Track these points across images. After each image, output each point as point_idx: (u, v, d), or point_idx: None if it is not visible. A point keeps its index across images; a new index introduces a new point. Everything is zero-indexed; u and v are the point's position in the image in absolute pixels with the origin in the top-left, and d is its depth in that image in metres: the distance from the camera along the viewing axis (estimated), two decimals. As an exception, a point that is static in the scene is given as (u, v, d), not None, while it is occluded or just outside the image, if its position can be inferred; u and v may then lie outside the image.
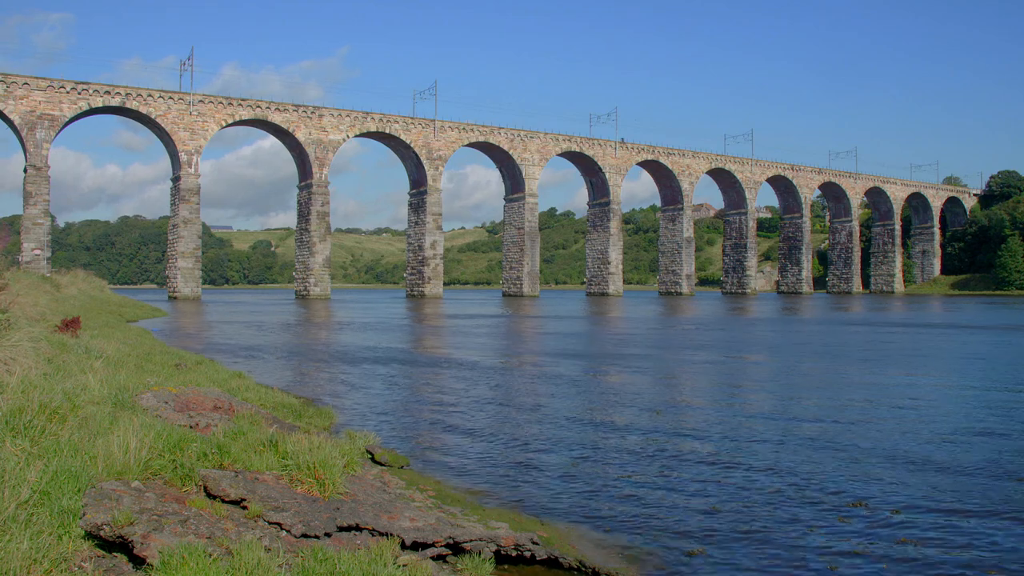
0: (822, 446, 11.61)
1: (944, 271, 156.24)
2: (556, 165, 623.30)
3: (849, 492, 9.13)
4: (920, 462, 10.59)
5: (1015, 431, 12.76)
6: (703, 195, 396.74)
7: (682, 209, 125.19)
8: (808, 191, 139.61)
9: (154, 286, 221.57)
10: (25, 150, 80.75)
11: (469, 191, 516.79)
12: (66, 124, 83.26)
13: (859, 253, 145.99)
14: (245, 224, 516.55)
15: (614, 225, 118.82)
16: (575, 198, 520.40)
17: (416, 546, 6.67)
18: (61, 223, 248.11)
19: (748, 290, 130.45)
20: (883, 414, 14.38)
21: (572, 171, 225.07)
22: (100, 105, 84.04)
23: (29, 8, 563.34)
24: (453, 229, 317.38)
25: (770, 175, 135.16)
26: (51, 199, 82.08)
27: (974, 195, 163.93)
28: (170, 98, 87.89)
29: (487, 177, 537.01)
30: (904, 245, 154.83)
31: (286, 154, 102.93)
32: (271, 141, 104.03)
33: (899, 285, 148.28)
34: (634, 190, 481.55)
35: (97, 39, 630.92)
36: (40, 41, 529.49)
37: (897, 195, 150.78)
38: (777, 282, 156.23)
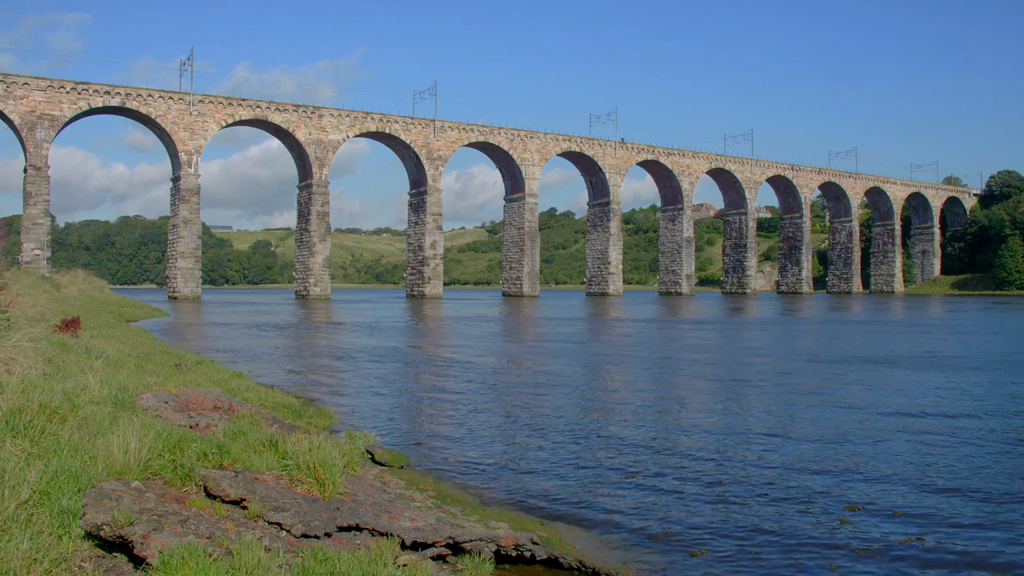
0: (823, 448, 11.61)
1: (944, 271, 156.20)
2: (556, 165, 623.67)
3: (850, 494, 9.13)
4: (920, 464, 10.59)
5: (1016, 432, 12.76)
6: (703, 195, 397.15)
7: (682, 209, 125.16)
8: (808, 191, 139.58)
9: (154, 286, 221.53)
10: (25, 150, 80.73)
11: (475, 191, 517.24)
12: (66, 124, 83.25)
13: (859, 253, 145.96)
14: (251, 224, 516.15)
15: (614, 225, 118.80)
16: (575, 198, 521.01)
17: (416, 546, 6.67)
18: (63, 223, 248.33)
19: (748, 290, 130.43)
20: (883, 416, 14.38)
21: (572, 171, 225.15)
22: (100, 105, 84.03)
23: (45, 8, 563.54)
24: (453, 229, 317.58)
25: (770, 175, 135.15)
26: (57, 199, 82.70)
27: (974, 195, 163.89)
28: (170, 98, 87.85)
29: (494, 177, 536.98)
30: (904, 245, 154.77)
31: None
32: (279, 141, 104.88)
33: (899, 285, 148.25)
34: (639, 190, 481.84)
35: (113, 39, 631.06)
36: (55, 41, 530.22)
37: (897, 195, 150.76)
38: (777, 282, 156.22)
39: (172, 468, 6.90)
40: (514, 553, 6.99)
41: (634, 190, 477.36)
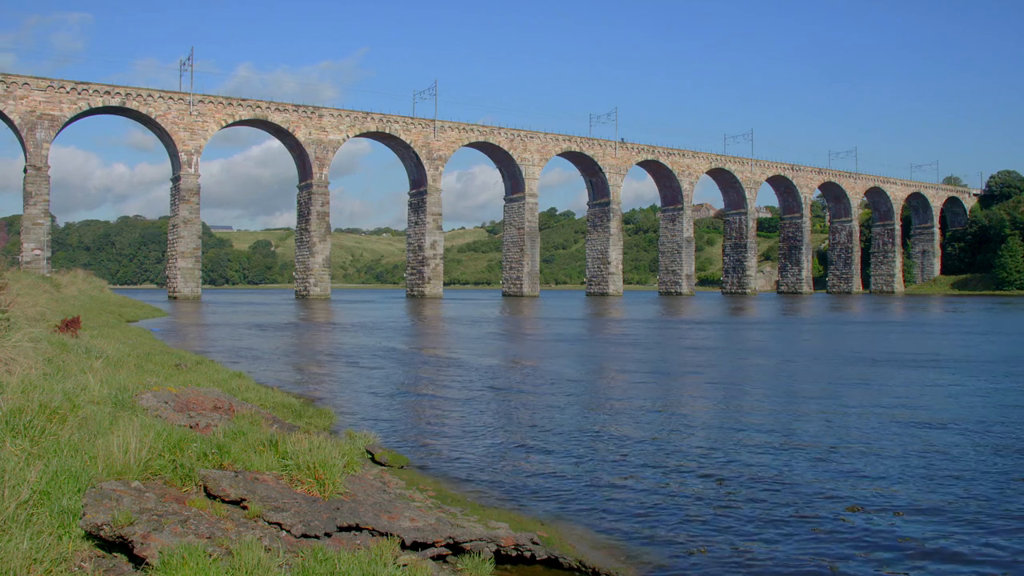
0: (824, 449, 11.60)
1: (944, 271, 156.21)
2: (556, 165, 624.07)
3: (851, 494, 9.13)
4: (923, 466, 10.59)
5: (1017, 433, 12.76)
6: (703, 195, 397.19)
7: (682, 209, 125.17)
8: (808, 191, 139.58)
9: (154, 286, 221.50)
10: (25, 150, 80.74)
11: (476, 191, 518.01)
12: (66, 124, 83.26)
13: (859, 253, 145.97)
14: (251, 224, 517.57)
15: (614, 225, 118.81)
16: (575, 198, 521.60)
17: (416, 546, 6.67)
18: (63, 223, 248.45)
19: (748, 290, 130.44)
20: (884, 417, 14.37)
21: (572, 171, 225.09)
22: (100, 105, 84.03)
23: (48, 8, 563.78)
24: (453, 229, 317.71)
25: (770, 175, 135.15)
26: (57, 199, 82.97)
27: (974, 195, 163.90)
28: (170, 98, 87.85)
29: (495, 177, 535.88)
30: (904, 245, 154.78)
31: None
32: (280, 140, 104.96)
33: (899, 285, 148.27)
34: (639, 190, 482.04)
35: (115, 40, 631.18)
36: (58, 41, 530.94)
37: (897, 195, 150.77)
38: (777, 282, 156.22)
39: (172, 468, 6.90)
40: (514, 553, 6.99)
41: (634, 190, 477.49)
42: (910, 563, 7.02)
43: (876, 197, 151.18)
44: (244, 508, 6.45)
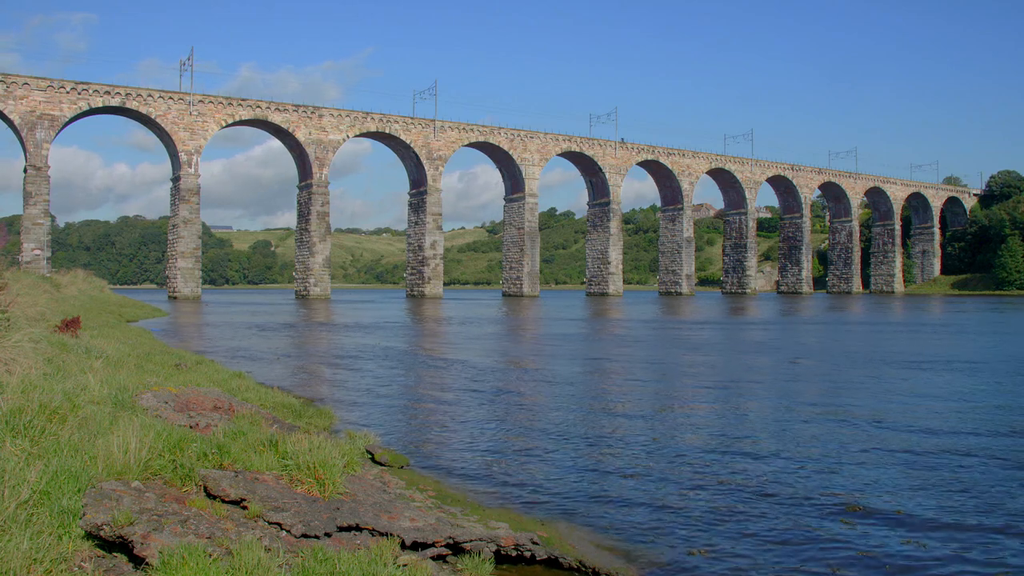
0: (824, 449, 11.60)
1: (944, 271, 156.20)
2: (556, 165, 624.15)
3: (851, 495, 9.12)
4: (924, 468, 10.58)
5: (1017, 434, 12.76)
6: (703, 195, 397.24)
7: (682, 209, 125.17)
8: (808, 191, 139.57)
9: (154, 286, 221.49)
10: (25, 150, 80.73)
11: (478, 191, 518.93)
12: (66, 124, 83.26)
13: (859, 253, 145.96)
14: (252, 224, 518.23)
15: (614, 225, 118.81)
16: (575, 198, 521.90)
17: (416, 546, 6.67)
18: (65, 223, 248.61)
19: (748, 290, 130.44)
20: (886, 417, 14.37)
21: (572, 171, 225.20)
22: (100, 105, 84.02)
23: (51, 8, 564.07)
24: (453, 229, 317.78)
25: (770, 175, 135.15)
26: (59, 199, 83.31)
27: (974, 195, 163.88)
28: (170, 98, 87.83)
29: (497, 177, 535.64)
30: (904, 245, 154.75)
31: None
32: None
33: (899, 285, 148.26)
34: (639, 190, 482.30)
35: (119, 40, 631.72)
36: (61, 41, 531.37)
37: (897, 195, 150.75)
38: (777, 282, 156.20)
39: (172, 468, 6.90)
40: (514, 553, 6.99)
41: (634, 190, 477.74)
42: (911, 566, 7.01)
43: (876, 197, 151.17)
44: (244, 508, 6.45)
